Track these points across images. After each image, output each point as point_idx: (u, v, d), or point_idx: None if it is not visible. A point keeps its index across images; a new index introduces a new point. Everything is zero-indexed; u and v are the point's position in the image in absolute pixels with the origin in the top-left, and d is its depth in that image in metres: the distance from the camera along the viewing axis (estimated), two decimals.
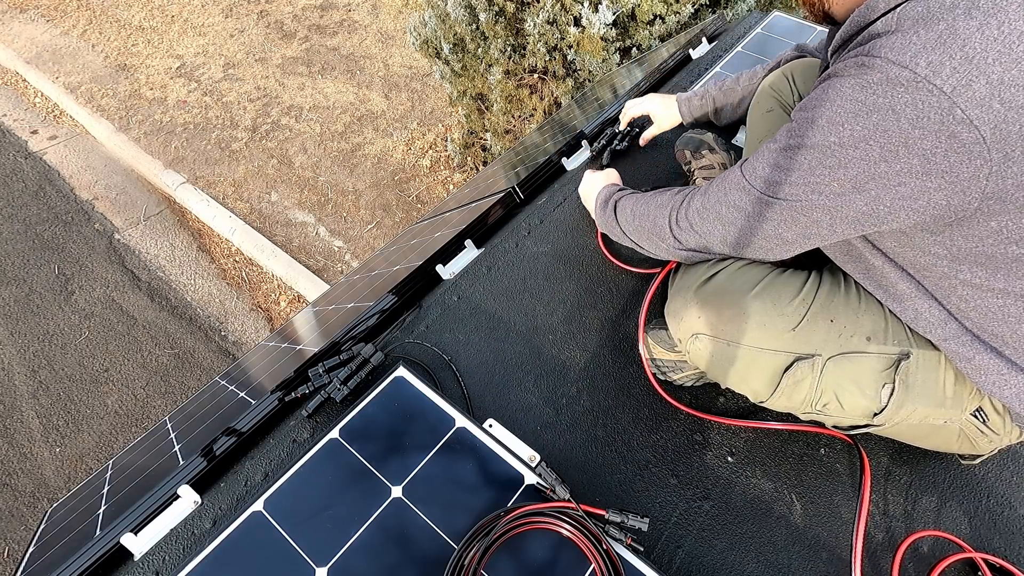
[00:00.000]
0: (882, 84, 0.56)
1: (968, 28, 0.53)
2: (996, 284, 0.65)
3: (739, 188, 0.75)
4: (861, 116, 0.58)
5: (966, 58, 0.52)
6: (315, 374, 0.99)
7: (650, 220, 0.90)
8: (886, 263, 0.74)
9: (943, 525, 0.91)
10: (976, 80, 0.52)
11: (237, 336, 2.86)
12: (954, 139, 0.54)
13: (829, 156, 0.62)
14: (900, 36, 0.56)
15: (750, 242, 0.77)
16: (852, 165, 0.61)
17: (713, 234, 0.81)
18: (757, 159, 0.72)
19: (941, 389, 0.76)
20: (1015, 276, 0.63)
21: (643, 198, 0.94)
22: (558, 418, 1.00)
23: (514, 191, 1.35)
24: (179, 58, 4.52)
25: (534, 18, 2.50)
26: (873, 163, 0.59)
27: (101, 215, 3.40)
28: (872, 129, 0.58)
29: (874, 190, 0.61)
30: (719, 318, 0.82)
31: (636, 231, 0.94)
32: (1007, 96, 0.52)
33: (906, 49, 0.55)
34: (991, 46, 0.52)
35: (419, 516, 0.82)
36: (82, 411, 2.54)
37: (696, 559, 0.86)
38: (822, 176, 0.64)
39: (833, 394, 0.78)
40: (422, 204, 3.50)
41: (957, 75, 0.52)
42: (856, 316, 0.79)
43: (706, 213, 0.80)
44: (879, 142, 0.58)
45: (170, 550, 0.85)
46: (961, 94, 0.52)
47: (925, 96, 0.54)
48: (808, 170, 0.65)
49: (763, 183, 0.71)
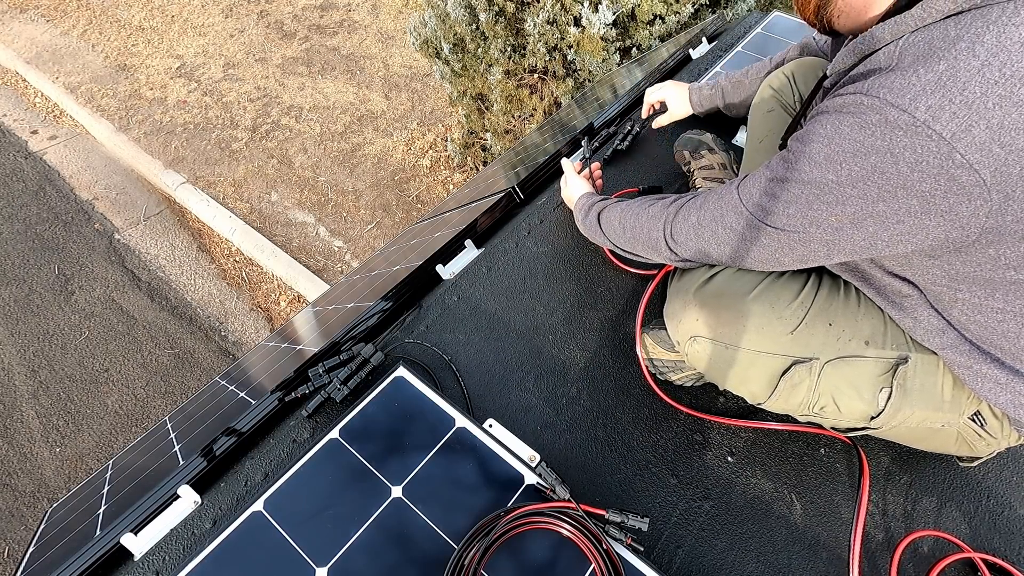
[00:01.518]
0: (880, 126, 0.55)
1: (969, 69, 0.51)
2: (995, 304, 0.65)
3: (735, 212, 0.74)
4: (859, 157, 0.58)
5: (966, 103, 0.51)
6: (315, 374, 0.99)
7: (644, 232, 0.89)
8: (885, 275, 0.74)
9: (942, 525, 0.92)
10: (976, 125, 0.51)
11: (237, 336, 2.86)
12: (953, 182, 0.54)
13: (827, 193, 0.62)
14: (900, 76, 0.55)
15: (746, 260, 0.77)
16: (850, 203, 0.61)
17: (709, 252, 0.81)
18: (755, 185, 0.71)
19: (939, 393, 0.76)
20: (1014, 296, 0.64)
21: (631, 209, 0.93)
22: (558, 418, 1.00)
23: (514, 191, 1.36)
24: (179, 58, 4.52)
25: (534, 18, 2.50)
26: (871, 202, 0.59)
27: (101, 215, 3.40)
28: (870, 171, 0.57)
29: (872, 227, 0.61)
30: (718, 321, 0.82)
31: (629, 241, 0.93)
32: (1007, 140, 0.51)
33: (906, 91, 0.54)
34: (992, 89, 0.51)
35: (419, 516, 0.82)
36: (82, 411, 2.54)
37: (696, 559, 0.87)
38: (820, 211, 0.64)
39: (830, 397, 0.78)
40: (422, 204, 3.50)
41: (957, 120, 0.51)
42: (855, 320, 0.79)
43: (702, 231, 0.80)
44: (877, 183, 0.58)
45: (170, 550, 0.85)
46: (961, 139, 0.52)
47: (924, 141, 0.53)
48: (806, 204, 0.64)
49: (761, 212, 0.70)
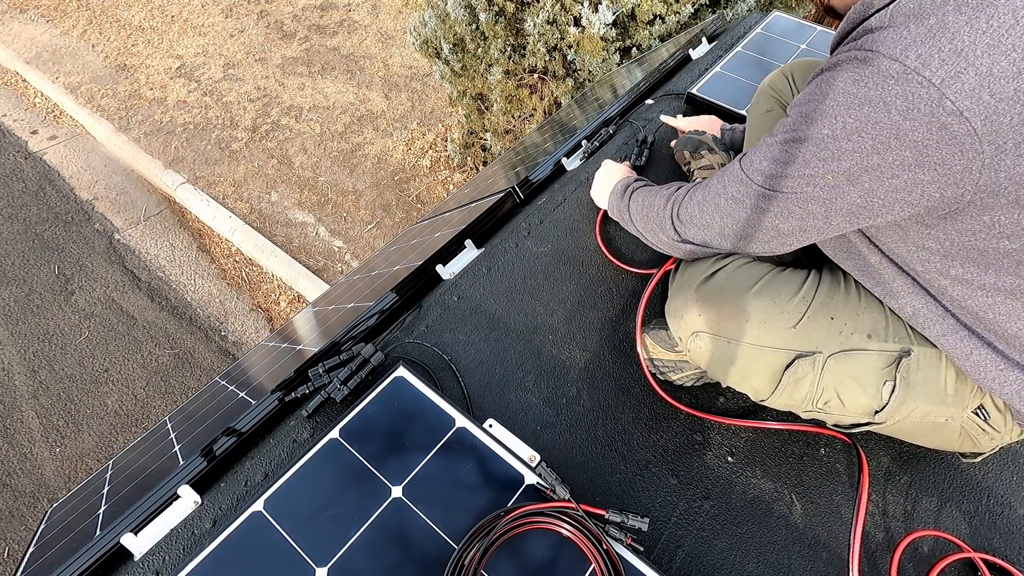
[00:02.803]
0: (873, 77, 0.57)
1: (957, 22, 0.53)
2: (987, 280, 0.66)
3: (737, 181, 0.76)
4: (853, 108, 0.59)
5: (955, 50, 0.53)
6: (315, 374, 0.99)
7: (655, 211, 0.91)
8: (882, 260, 0.75)
9: (942, 525, 0.92)
10: (965, 72, 0.53)
11: (237, 336, 2.86)
12: (945, 130, 0.55)
13: (823, 148, 0.63)
14: (892, 31, 0.57)
15: (747, 235, 0.78)
16: (845, 157, 0.62)
17: (712, 226, 0.81)
18: (755, 153, 0.73)
19: (942, 386, 0.76)
20: (1005, 272, 0.64)
21: (652, 190, 0.96)
22: (558, 418, 1.00)
23: (514, 191, 1.35)
24: (179, 58, 4.52)
25: (534, 18, 2.50)
26: (866, 155, 0.60)
27: (101, 215, 3.40)
28: (864, 121, 0.59)
29: (867, 182, 0.62)
30: (720, 316, 0.82)
31: (642, 221, 0.95)
32: (996, 88, 0.52)
33: (897, 43, 0.56)
34: (980, 39, 0.52)
35: (419, 516, 0.82)
36: (82, 411, 2.55)
37: (696, 559, 0.87)
38: (816, 168, 0.65)
39: (834, 391, 0.78)
40: (422, 204, 3.50)
41: (946, 67, 0.53)
42: (856, 313, 0.79)
43: (706, 205, 0.81)
44: (871, 134, 0.59)
45: (170, 550, 0.85)
46: (950, 85, 0.53)
47: (915, 88, 0.55)
48: (803, 162, 0.66)
49: (760, 176, 0.72)
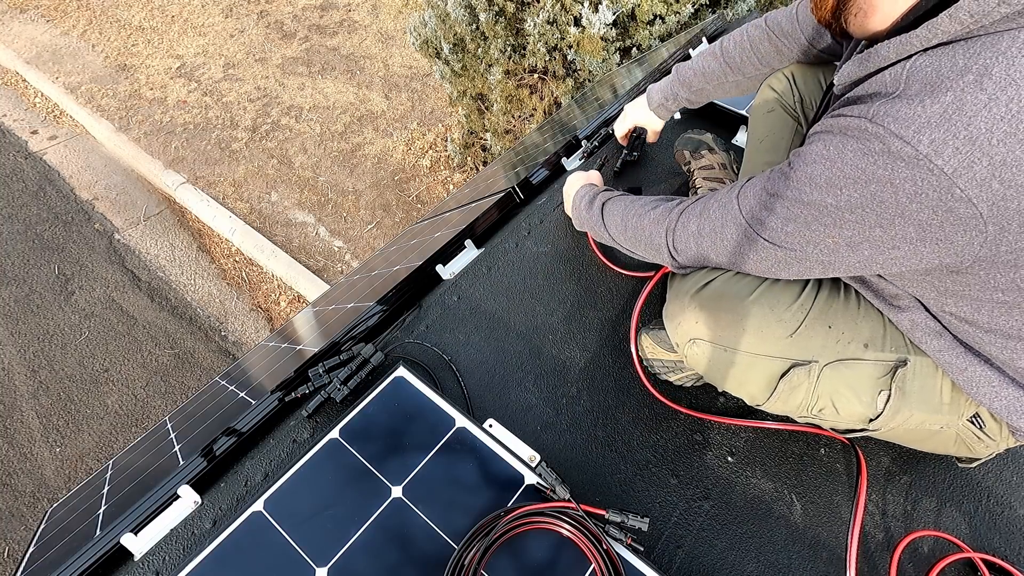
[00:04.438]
0: (883, 155, 0.56)
1: (976, 103, 0.51)
2: (980, 319, 0.67)
3: (735, 223, 0.74)
4: (860, 184, 0.58)
5: (969, 138, 0.51)
6: (315, 374, 0.99)
7: (646, 234, 0.89)
8: (881, 281, 0.75)
9: (942, 525, 0.92)
10: (978, 162, 0.51)
11: (237, 336, 2.86)
12: (951, 213, 0.54)
13: (826, 215, 0.63)
14: (906, 105, 0.54)
15: (744, 269, 0.78)
16: (847, 227, 0.62)
17: (709, 260, 0.81)
18: (755, 197, 0.71)
19: (938, 396, 0.76)
20: (998, 315, 0.65)
21: (634, 207, 0.92)
22: (558, 418, 1.00)
23: (514, 191, 1.35)
24: (179, 58, 4.52)
25: (534, 18, 2.50)
26: (868, 228, 0.60)
27: (101, 215, 3.40)
28: (870, 198, 0.58)
29: (867, 250, 0.62)
30: (717, 323, 0.82)
31: (630, 240, 0.93)
32: (1008, 176, 0.51)
33: (910, 123, 0.54)
34: (997, 125, 0.50)
35: (419, 516, 0.82)
36: (82, 411, 2.54)
37: (696, 559, 0.87)
38: (817, 232, 0.65)
39: (829, 399, 0.78)
40: (422, 204, 3.50)
41: (959, 156, 0.51)
42: (854, 323, 0.79)
43: (701, 240, 0.80)
44: (875, 211, 0.58)
45: (170, 550, 0.85)
46: (962, 175, 0.52)
47: (925, 175, 0.53)
48: (804, 224, 0.65)
49: (759, 225, 0.71)
